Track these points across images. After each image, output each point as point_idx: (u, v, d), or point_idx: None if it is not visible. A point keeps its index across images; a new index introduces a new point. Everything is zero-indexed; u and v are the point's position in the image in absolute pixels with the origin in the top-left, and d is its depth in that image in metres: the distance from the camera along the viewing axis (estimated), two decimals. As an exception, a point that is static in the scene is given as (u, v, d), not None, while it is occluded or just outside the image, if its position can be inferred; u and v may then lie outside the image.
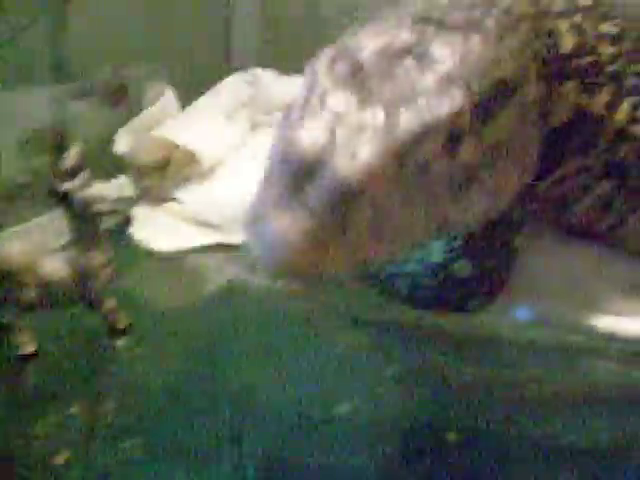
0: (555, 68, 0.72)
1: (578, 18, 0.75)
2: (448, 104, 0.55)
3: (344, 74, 0.56)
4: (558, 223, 0.84)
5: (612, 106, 0.75)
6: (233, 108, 1.19)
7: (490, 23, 0.64)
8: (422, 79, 0.56)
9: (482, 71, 0.59)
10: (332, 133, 0.52)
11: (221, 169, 1.08)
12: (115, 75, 1.21)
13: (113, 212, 0.74)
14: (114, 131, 1.10)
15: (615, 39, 0.76)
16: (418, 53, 0.58)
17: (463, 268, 0.77)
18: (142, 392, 0.73)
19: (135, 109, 1.14)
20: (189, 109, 1.19)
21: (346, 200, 0.50)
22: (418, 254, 0.79)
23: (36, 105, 1.18)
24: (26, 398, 0.71)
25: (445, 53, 0.58)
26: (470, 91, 0.57)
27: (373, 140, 0.52)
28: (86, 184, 0.73)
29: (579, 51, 0.74)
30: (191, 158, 1.06)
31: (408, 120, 0.54)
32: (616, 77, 0.75)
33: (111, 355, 0.77)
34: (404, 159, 0.53)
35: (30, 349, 0.72)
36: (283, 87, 1.20)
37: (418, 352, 0.79)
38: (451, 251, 0.77)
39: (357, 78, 0.56)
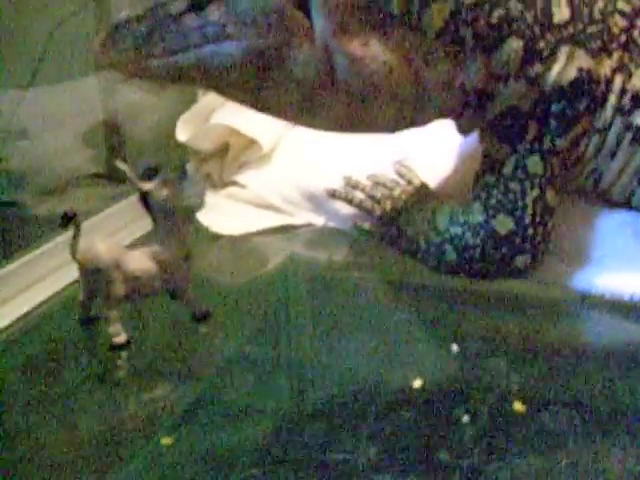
0: (545, 35, 0.82)
1: None
2: None
3: None
4: (600, 193, 0.89)
5: (623, 71, 0.81)
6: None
7: None
8: None
9: None
10: None
11: (279, 152, 1.12)
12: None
13: (189, 209, 0.79)
14: (174, 117, 1.14)
15: (629, 14, 0.84)
16: None
17: (503, 224, 0.83)
18: (226, 371, 0.79)
19: (193, 96, 1.18)
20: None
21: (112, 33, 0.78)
22: (461, 217, 0.85)
23: (88, 98, 1.22)
24: (120, 383, 0.77)
25: None
26: None
27: None
28: (164, 183, 0.77)
29: (577, 21, 0.83)
30: (250, 142, 1.11)
31: None
32: (629, 47, 0.81)
33: (194, 339, 0.82)
34: (156, 13, 0.78)
35: (122, 339, 0.78)
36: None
37: (476, 318, 0.84)
38: (489, 208, 0.83)
39: None
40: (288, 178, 1.07)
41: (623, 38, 0.84)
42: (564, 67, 0.82)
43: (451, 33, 0.81)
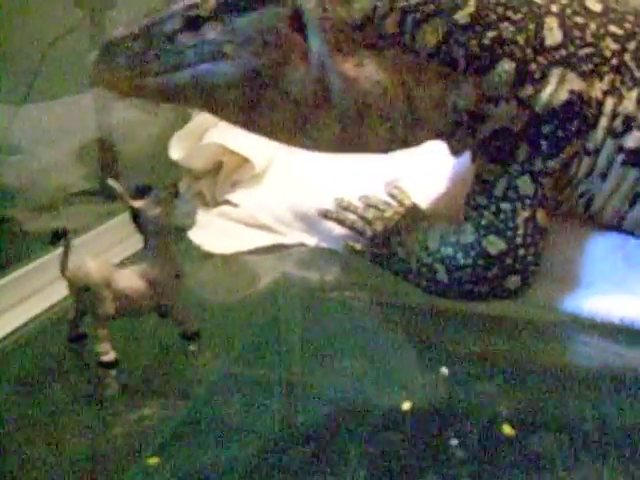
0: (537, 57, 0.83)
1: (579, 19, 0.85)
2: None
3: None
4: (591, 216, 0.90)
5: (614, 94, 0.82)
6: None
7: None
8: None
9: None
10: None
11: (271, 171, 1.13)
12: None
13: (181, 228, 0.79)
14: (167, 135, 1.15)
15: (621, 38, 0.85)
16: None
17: (494, 244, 0.83)
18: (215, 391, 0.79)
19: (187, 115, 1.18)
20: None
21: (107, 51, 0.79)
22: (453, 238, 0.85)
23: (85, 113, 1.23)
24: (107, 402, 0.76)
25: None
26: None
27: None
28: (156, 202, 0.77)
29: (568, 44, 0.84)
30: (243, 161, 1.11)
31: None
32: (621, 70, 0.82)
33: (183, 358, 0.82)
34: (151, 31, 0.79)
35: (110, 358, 0.77)
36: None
37: (466, 340, 0.84)
38: (480, 229, 0.83)
39: None
40: (280, 198, 1.08)
41: (615, 61, 0.84)
42: (555, 89, 0.83)
43: (444, 54, 0.81)
